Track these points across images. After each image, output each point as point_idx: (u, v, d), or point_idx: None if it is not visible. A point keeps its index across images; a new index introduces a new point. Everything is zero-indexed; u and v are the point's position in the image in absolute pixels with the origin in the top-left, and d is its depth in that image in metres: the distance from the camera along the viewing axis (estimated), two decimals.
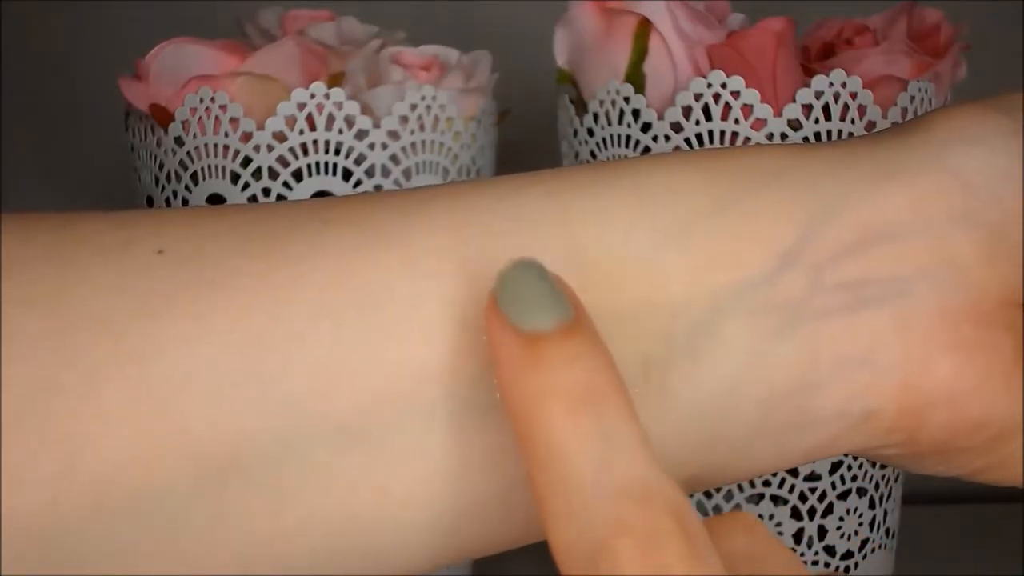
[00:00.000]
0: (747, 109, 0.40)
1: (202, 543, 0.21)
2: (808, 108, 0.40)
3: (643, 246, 0.23)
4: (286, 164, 0.42)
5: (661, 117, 0.41)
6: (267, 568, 0.22)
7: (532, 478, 0.20)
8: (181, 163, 0.43)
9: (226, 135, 0.42)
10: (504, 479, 0.22)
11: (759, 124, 0.40)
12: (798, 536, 0.45)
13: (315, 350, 0.21)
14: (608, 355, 0.20)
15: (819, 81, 0.40)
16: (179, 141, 0.42)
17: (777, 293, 0.23)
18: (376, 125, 0.42)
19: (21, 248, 0.22)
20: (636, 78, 0.42)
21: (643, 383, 0.22)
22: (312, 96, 0.41)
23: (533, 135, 0.53)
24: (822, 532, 0.45)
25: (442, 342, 0.22)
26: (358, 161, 0.42)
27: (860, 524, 0.46)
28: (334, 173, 0.42)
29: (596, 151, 0.43)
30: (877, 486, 0.46)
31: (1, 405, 0.20)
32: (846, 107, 0.41)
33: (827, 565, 0.46)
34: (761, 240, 0.23)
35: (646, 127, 0.42)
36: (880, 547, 0.47)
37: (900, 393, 0.23)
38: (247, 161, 0.42)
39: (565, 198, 0.23)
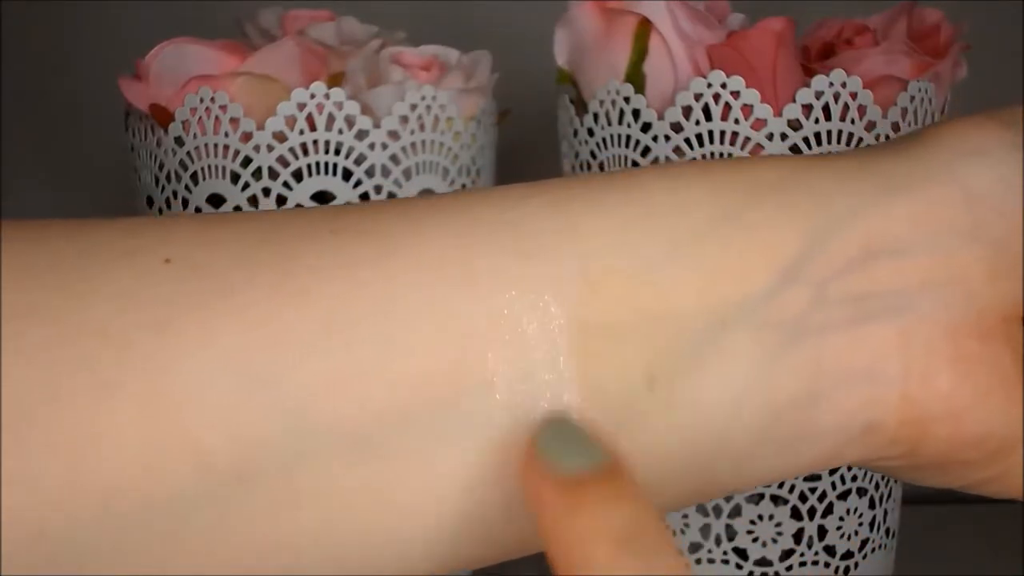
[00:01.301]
0: (747, 109, 0.40)
1: (208, 552, 0.21)
2: (808, 108, 0.40)
3: (650, 259, 0.23)
4: (286, 164, 0.42)
5: (661, 117, 0.41)
6: None
7: None
8: (181, 163, 0.43)
9: (226, 135, 0.42)
10: (508, 491, 0.22)
11: (759, 124, 0.40)
12: (798, 536, 0.45)
13: (324, 361, 0.21)
14: (645, 495, 0.20)
15: (819, 81, 0.40)
16: (179, 141, 0.42)
17: (781, 307, 0.23)
18: (376, 125, 0.42)
19: (26, 256, 0.22)
20: (636, 78, 0.42)
21: (647, 394, 0.22)
22: (312, 96, 0.41)
23: (533, 135, 0.53)
24: (822, 532, 0.45)
25: (449, 354, 0.22)
26: (358, 161, 0.42)
27: (860, 524, 0.46)
28: (334, 173, 0.42)
29: (596, 151, 0.43)
30: (877, 486, 0.46)
31: (5, 412, 0.20)
32: (846, 107, 0.41)
33: (827, 565, 0.46)
34: (766, 254, 0.23)
35: (646, 127, 0.42)
36: (880, 547, 0.47)
37: (902, 406, 0.24)
38: (247, 161, 0.42)
39: (572, 210, 0.23)
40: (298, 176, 0.42)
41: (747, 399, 0.23)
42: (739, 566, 0.45)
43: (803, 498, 0.44)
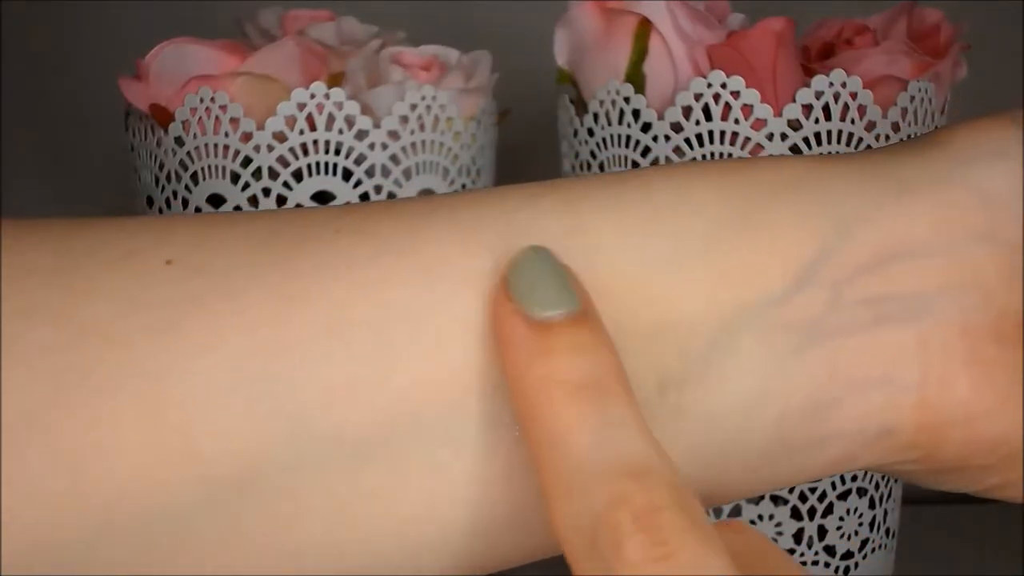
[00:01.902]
0: (747, 109, 0.40)
1: (211, 561, 0.21)
2: (808, 108, 0.40)
3: (659, 262, 0.22)
4: (286, 164, 0.42)
5: (661, 117, 0.41)
6: None
7: (535, 460, 0.20)
8: (181, 163, 0.43)
9: (226, 135, 0.42)
10: (517, 494, 0.22)
11: (759, 124, 0.40)
12: (798, 536, 0.45)
13: (326, 366, 0.21)
14: (611, 346, 0.21)
15: (819, 81, 0.40)
16: (179, 141, 0.42)
17: (795, 310, 0.23)
18: (376, 125, 0.42)
19: (27, 256, 0.21)
20: (636, 78, 0.42)
21: (658, 401, 0.22)
22: (312, 96, 0.41)
23: (533, 135, 0.53)
24: (822, 532, 0.45)
25: (454, 358, 0.22)
26: (358, 161, 0.42)
27: (860, 524, 0.46)
28: (334, 173, 0.42)
29: (596, 151, 0.43)
30: (877, 486, 0.46)
31: (5, 417, 0.20)
32: (846, 107, 0.40)
33: (827, 565, 0.46)
34: (779, 256, 0.23)
35: (646, 127, 0.42)
36: (880, 547, 0.47)
37: (918, 412, 0.23)
38: (247, 161, 0.42)
39: (579, 211, 0.23)
40: (298, 176, 0.42)
41: (760, 404, 0.23)
42: None
43: (803, 498, 0.44)
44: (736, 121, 0.40)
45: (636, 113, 0.42)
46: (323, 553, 0.22)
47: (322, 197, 0.42)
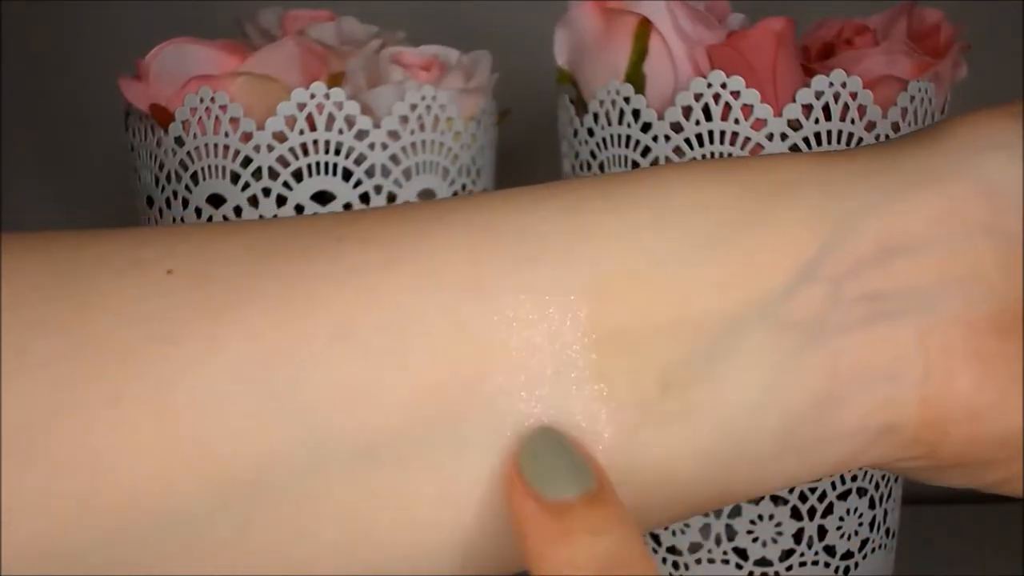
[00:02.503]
0: (747, 109, 0.40)
1: (222, 568, 0.21)
2: (808, 108, 0.40)
3: (663, 262, 0.22)
4: (286, 164, 0.42)
5: (661, 117, 0.41)
6: None
7: None
8: (181, 163, 0.43)
9: (226, 135, 0.42)
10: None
11: (759, 124, 0.40)
12: (798, 536, 0.45)
13: (334, 372, 0.21)
14: (630, 522, 0.21)
15: (819, 81, 0.40)
16: (179, 141, 0.42)
17: (797, 307, 0.23)
18: (376, 125, 0.42)
19: (31, 269, 0.21)
20: (636, 78, 0.42)
21: (661, 404, 0.22)
22: (312, 96, 0.41)
23: (533, 135, 0.53)
24: (822, 532, 0.45)
25: (460, 363, 0.22)
26: (358, 161, 0.42)
27: (860, 524, 0.46)
28: (334, 173, 0.42)
29: (596, 151, 0.43)
30: (877, 486, 0.46)
31: (8, 429, 0.20)
32: (846, 107, 0.40)
33: (827, 565, 0.46)
34: (781, 253, 0.23)
35: (646, 127, 0.42)
36: (880, 547, 0.47)
37: (922, 407, 0.23)
38: (247, 161, 0.42)
39: (584, 213, 0.23)
40: (298, 176, 0.42)
41: (765, 403, 0.22)
42: (739, 566, 0.45)
43: (803, 498, 0.44)
44: (736, 121, 0.40)
45: (636, 113, 0.42)
46: (334, 556, 0.22)
47: (322, 197, 0.42)
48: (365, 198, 0.42)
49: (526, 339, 0.22)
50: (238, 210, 0.42)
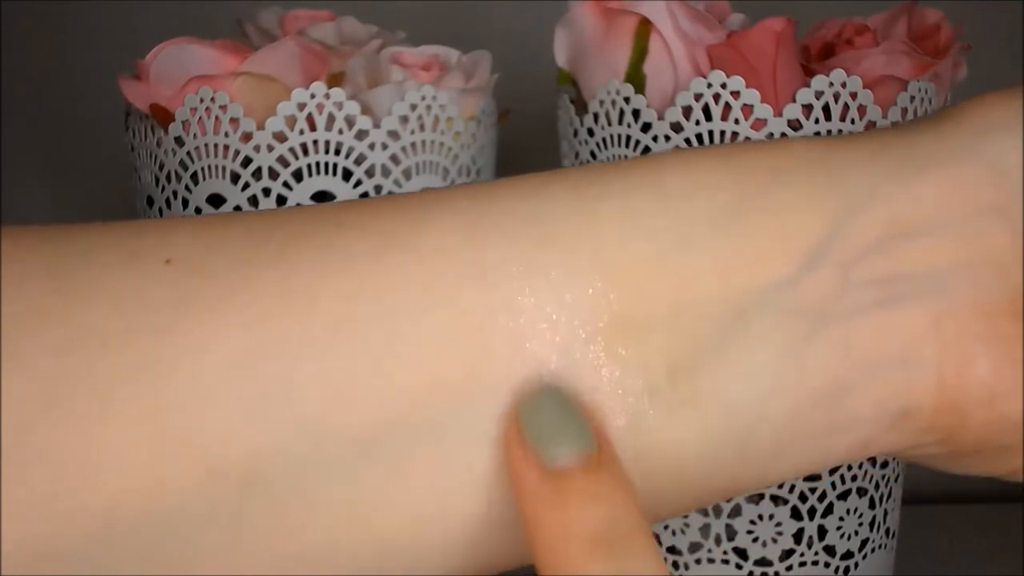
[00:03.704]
0: (747, 109, 0.40)
1: (220, 564, 0.21)
2: (808, 108, 0.40)
3: (668, 247, 0.22)
4: (286, 164, 0.42)
5: (661, 117, 0.41)
6: None
7: None
8: (181, 163, 0.43)
9: (226, 135, 0.42)
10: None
11: (759, 124, 0.40)
12: (798, 536, 0.45)
13: (331, 363, 0.21)
14: (629, 489, 0.20)
15: (819, 81, 0.40)
16: (179, 141, 0.42)
17: (805, 292, 0.22)
18: (376, 125, 0.42)
19: (25, 261, 0.21)
20: (636, 78, 0.42)
21: (669, 389, 0.22)
22: (312, 96, 0.41)
23: (533, 135, 0.53)
24: (822, 532, 0.45)
25: (458, 354, 0.21)
26: (358, 161, 0.42)
27: (860, 524, 0.46)
28: (334, 173, 0.42)
29: (596, 151, 0.43)
30: (877, 486, 0.46)
31: (3, 423, 0.20)
32: (846, 107, 0.40)
33: (827, 565, 0.46)
34: (787, 237, 0.22)
35: (646, 127, 0.42)
36: (880, 547, 0.47)
37: (937, 392, 0.23)
38: (247, 161, 0.42)
39: (586, 197, 0.22)
40: (298, 176, 0.42)
41: (775, 392, 0.22)
42: (739, 566, 0.45)
43: (803, 498, 0.44)
44: (736, 121, 0.40)
45: (636, 113, 0.42)
46: (331, 552, 0.21)
47: (322, 197, 0.42)
48: (365, 198, 0.42)
49: (530, 325, 0.21)
50: (238, 210, 0.42)
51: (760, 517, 0.45)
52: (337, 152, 0.42)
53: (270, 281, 0.21)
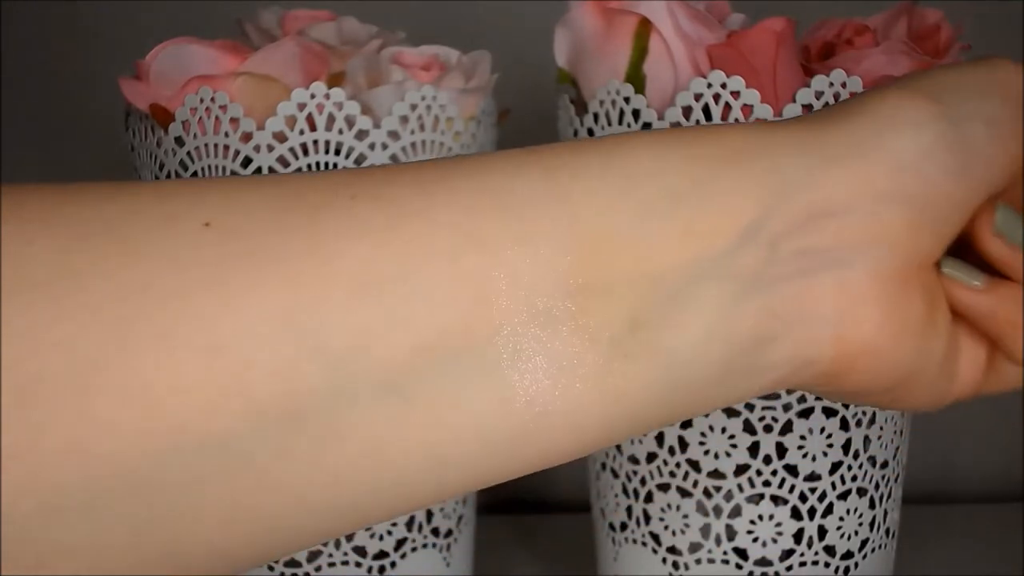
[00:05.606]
0: (747, 109, 0.40)
1: (258, 486, 0.24)
2: (808, 108, 0.40)
3: (632, 222, 0.27)
4: (286, 164, 0.42)
5: (661, 117, 0.41)
6: (324, 507, 0.25)
7: None
8: (181, 163, 0.43)
9: (226, 135, 0.42)
10: (527, 417, 0.26)
11: None
12: (798, 536, 0.45)
13: (351, 317, 0.25)
14: None
15: (819, 81, 0.40)
16: (179, 141, 0.42)
17: (741, 262, 0.27)
18: (376, 125, 0.42)
19: (81, 219, 0.24)
20: (636, 78, 0.42)
21: (630, 337, 0.27)
22: (312, 96, 0.41)
23: (533, 135, 0.53)
24: (822, 532, 0.45)
25: (467, 307, 0.25)
26: (358, 161, 0.42)
27: (860, 524, 0.46)
28: None
29: None
30: (877, 486, 0.46)
31: (74, 361, 0.23)
32: None
33: (827, 565, 0.46)
34: (729, 216, 0.27)
35: (646, 127, 0.42)
36: (880, 547, 0.47)
37: (835, 344, 0.28)
38: (247, 161, 0.42)
39: (562, 179, 0.27)
40: None
41: (713, 340, 0.27)
42: (739, 566, 0.45)
43: (803, 498, 0.44)
44: (736, 121, 0.40)
45: (636, 113, 0.42)
46: (364, 473, 0.25)
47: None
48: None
49: (519, 284, 0.26)
50: None
51: (760, 517, 0.45)
52: (337, 152, 0.42)
53: (299, 246, 0.25)
